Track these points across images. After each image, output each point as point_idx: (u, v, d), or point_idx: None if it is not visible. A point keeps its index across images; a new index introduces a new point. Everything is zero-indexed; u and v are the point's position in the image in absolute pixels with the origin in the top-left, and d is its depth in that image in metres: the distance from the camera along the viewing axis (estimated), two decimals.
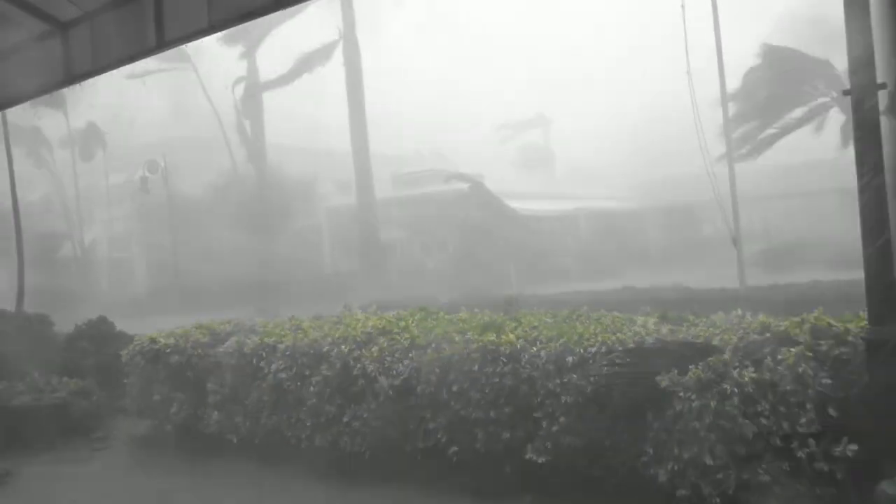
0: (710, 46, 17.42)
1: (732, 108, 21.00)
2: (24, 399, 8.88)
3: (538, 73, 44.41)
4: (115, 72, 5.46)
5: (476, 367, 6.00)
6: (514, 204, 30.88)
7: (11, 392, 9.05)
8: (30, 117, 29.07)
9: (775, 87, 22.90)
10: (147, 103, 34.20)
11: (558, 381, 5.63)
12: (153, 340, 8.53)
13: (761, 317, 5.69)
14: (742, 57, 22.49)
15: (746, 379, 4.85)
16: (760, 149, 23.46)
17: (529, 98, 44.62)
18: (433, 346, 6.39)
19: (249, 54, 32.65)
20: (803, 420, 4.75)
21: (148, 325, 11.39)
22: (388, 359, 6.58)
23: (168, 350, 8.31)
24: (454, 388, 6.08)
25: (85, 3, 5.02)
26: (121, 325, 11.83)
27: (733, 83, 21.62)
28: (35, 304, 13.46)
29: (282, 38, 30.92)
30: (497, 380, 5.89)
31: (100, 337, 11.24)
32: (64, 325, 12.29)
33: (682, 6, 14.76)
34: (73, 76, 5.10)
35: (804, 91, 23.12)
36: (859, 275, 5.02)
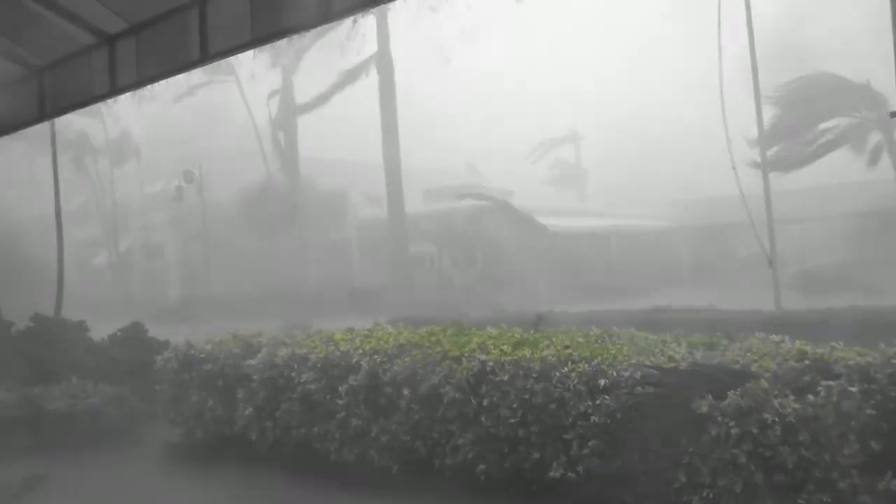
0: (745, 65, 17.24)
1: (768, 127, 20.75)
2: (59, 404, 9.02)
3: (572, 89, 44.31)
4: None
5: (507, 378, 5.95)
6: (546, 220, 30.79)
7: (48, 397, 9.20)
8: (69, 126, 29.79)
9: (812, 108, 22.61)
10: (184, 114, 34.83)
11: (590, 402, 5.56)
12: (189, 346, 8.63)
13: (798, 343, 5.57)
14: (778, 75, 22.25)
15: (789, 410, 4.73)
16: (794, 166, 23.11)
17: (563, 115, 44.55)
18: (465, 357, 6.37)
19: (285, 67, 33.11)
20: (846, 451, 4.62)
21: (180, 333, 11.52)
22: (420, 371, 6.56)
23: (201, 358, 8.39)
24: (484, 402, 6.03)
25: (131, 16, 5.12)
26: (154, 331, 11.99)
27: (768, 101, 21.40)
28: (72, 309, 13.71)
29: (317, 51, 31.30)
30: (527, 396, 5.83)
31: (134, 343, 11.41)
32: (99, 331, 12.49)
33: (718, 26, 14.66)
34: (118, 88, 5.20)
35: (843, 112, 22.78)
36: None
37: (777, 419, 4.75)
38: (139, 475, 8.09)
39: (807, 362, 5.18)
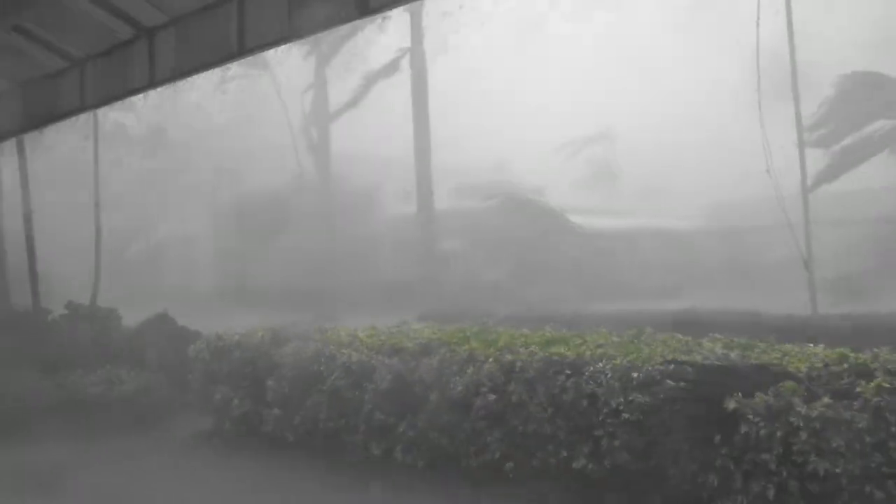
0: (784, 62, 16.90)
1: (808, 128, 20.32)
2: (94, 391, 9.20)
3: (607, 86, 43.88)
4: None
5: (537, 376, 5.91)
6: (577, 219, 30.55)
7: (83, 383, 9.38)
8: (107, 117, 30.30)
9: (855, 108, 22.11)
10: (218, 107, 35.21)
11: (622, 399, 5.49)
12: (219, 338, 8.74)
13: (838, 349, 5.45)
14: (819, 73, 21.77)
15: (816, 413, 4.63)
16: (838, 172, 22.63)
17: (597, 112, 44.12)
18: (494, 357, 6.34)
19: (319, 61, 33.31)
20: (881, 459, 4.51)
21: (212, 323, 11.66)
22: (447, 370, 6.55)
23: (231, 349, 8.49)
24: (513, 399, 6.00)
25: (171, 9, 5.18)
26: (185, 322, 12.15)
27: (808, 102, 20.96)
28: (106, 298, 13.94)
29: (351, 46, 31.44)
30: (557, 392, 5.78)
31: (165, 332, 11.58)
32: (132, 319, 12.69)
33: (757, 22, 14.34)
34: (157, 80, 5.26)
35: (886, 114, 22.24)
36: None
37: (803, 423, 4.65)
38: (169, 462, 8.21)
39: (846, 366, 5.06)
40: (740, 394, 4.92)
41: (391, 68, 30.61)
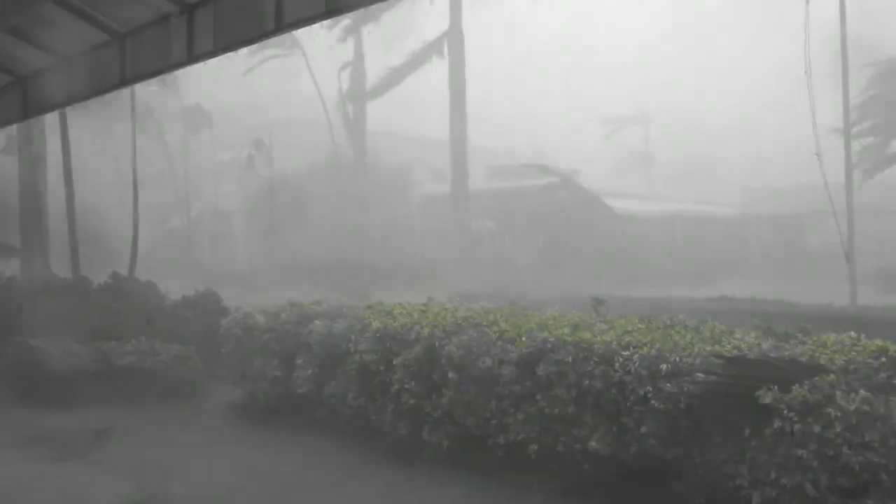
0: (834, 48, 16.40)
1: (855, 117, 19.73)
2: (130, 360, 9.43)
3: (645, 69, 43.16)
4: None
5: (570, 359, 5.88)
6: (611, 203, 30.25)
7: (120, 352, 9.62)
8: (146, 93, 30.72)
9: None
10: (257, 84, 35.48)
11: (650, 387, 5.44)
12: (250, 314, 8.86)
13: (877, 341, 5.32)
14: (869, 58, 21.11)
15: (854, 407, 4.53)
16: (882, 165, 22.01)
17: (634, 95, 43.45)
18: (524, 337, 6.32)
19: (357, 39, 33.28)
20: None
21: (246, 299, 11.87)
22: (476, 350, 6.56)
23: (264, 324, 8.61)
24: (542, 380, 5.98)
25: None
26: (221, 295, 12.35)
27: (857, 89, 20.35)
28: (145, 271, 14.24)
29: (389, 24, 31.33)
30: (587, 381, 5.75)
31: (202, 306, 11.78)
32: (169, 292, 12.95)
33: (807, 4, 13.87)
34: (195, 56, 5.30)
35: None
36: None
37: (841, 414, 4.55)
38: (201, 432, 8.39)
39: (884, 360, 4.95)
40: (776, 387, 4.82)
41: (430, 48, 30.44)
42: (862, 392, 4.60)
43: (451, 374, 6.55)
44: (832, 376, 4.76)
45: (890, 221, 27.66)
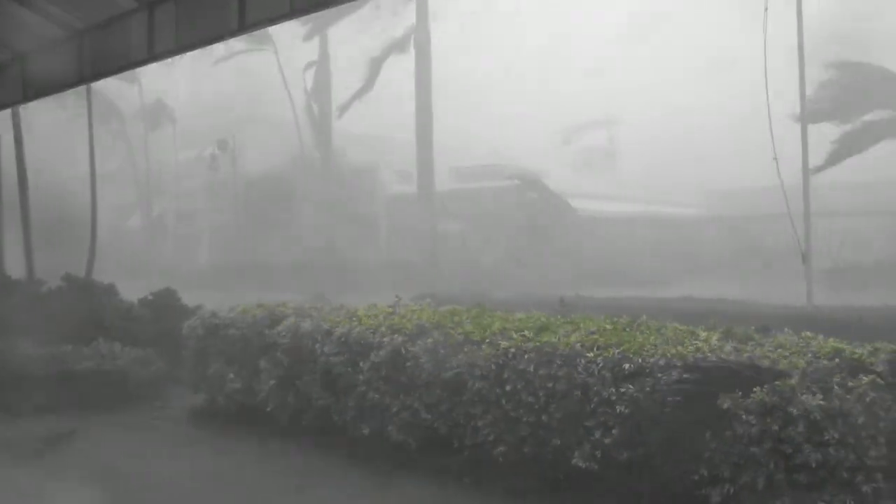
0: (790, 53, 16.77)
1: (809, 118, 20.18)
2: (87, 364, 9.21)
3: (607, 72, 43.60)
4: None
5: (532, 368, 5.91)
6: (576, 204, 30.53)
7: (77, 356, 9.39)
8: (106, 89, 30.08)
9: (856, 100, 21.99)
10: (220, 82, 35.01)
11: (613, 389, 5.50)
12: (213, 315, 8.73)
13: (831, 341, 5.46)
14: (823, 62, 21.64)
15: (814, 408, 4.64)
16: (836, 160, 22.53)
17: (597, 97, 43.87)
18: (488, 341, 6.34)
19: (322, 38, 33.05)
20: (872, 453, 4.53)
21: (208, 300, 11.68)
22: (442, 352, 6.55)
23: (227, 325, 8.49)
24: (507, 388, 6.01)
25: None
26: (182, 297, 12.15)
27: (812, 90, 20.82)
28: (102, 271, 13.94)
29: (355, 24, 31.16)
30: (551, 384, 5.79)
31: (162, 308, 11.58)
32: (127, 293, 12.69)
33: (765, 10, 14.15)
34: (156, 54, 5.20)
35: (886, 105, 22.13)
36: None
37: (802, 416, 4.66)
38: (161, 436, 8.24)
39: (838, 360, 5.08)
40: (739, 392, 4.91)
41: (395, 47, 30.37)
42: (818, 394, 4.72)
43: (425, 375, 6.54)
44: (793, 380, 4.86)
45: (844, 222, 28.41)
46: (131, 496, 6.45)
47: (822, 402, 4.65)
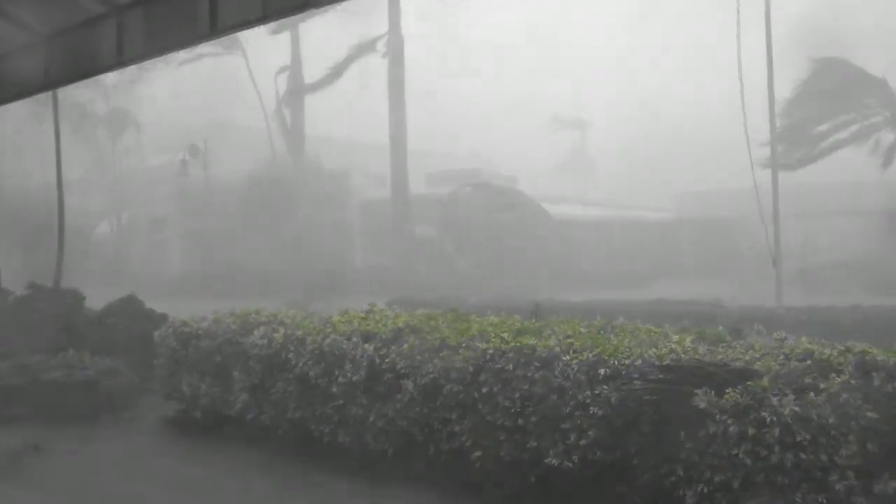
0: (760, 55, 17.06)
1: (780, 121, 20.54)
2: (55, 374, 9.02)
3: (580, 76, 43.98)
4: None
5: (510, 367, 5.91)
6: (550, 208, 30.71)
7: (45, 367, 9.19)
8: (74, 94, 29.57)
9: (826, 102, 22.40)
10: (190, 87, 34.64)
11: (589, 392, 5.53)
12: (185, 324, 8.60)
13: (804, 341, 5.54)
14: (794, 66, 22.02)
15: (787, 410, 4.69)
16: (806, 162, 22.92)
17: (570, 101, 44.25)
18: (465, 345, 6.32)
19: (294, 43, 32.88)
20: (843, 453, 4.59)
21: (179, 308, 11.52)
22: (418, 357, 6.52)
23: (199, 334, 8.37)
24: (484, 390, 6.00)
25: None
26: (153, 305, 11.98)
27: (782, 92, 21.15)
28: (70, 280, 13.68)
29: (328, 28, 31.06)
30: (527, 386, 5.79)
31: (131, 316, 11.39)
32: (97, 302, 12.48)
33: (738, 14, 14.36)
34: (125, 59, 5.12)
35: (856, 108, 22.57)
36: None
37: (776, 418, 4.71)
38: (132, 448, 8.09)
39: (810, 361, 5.14)
40: (712, 392, 4.96)
41: (369, 51, 30.32)
42: (790, 395, 4.78)
43: (401, 381, 6.51)
44: (765, 381, 4.92)
45: (814, 224, 28.94)
46: None
47: (795, 408, 4.70)
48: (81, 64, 5.64)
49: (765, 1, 16.67)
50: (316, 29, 31.51)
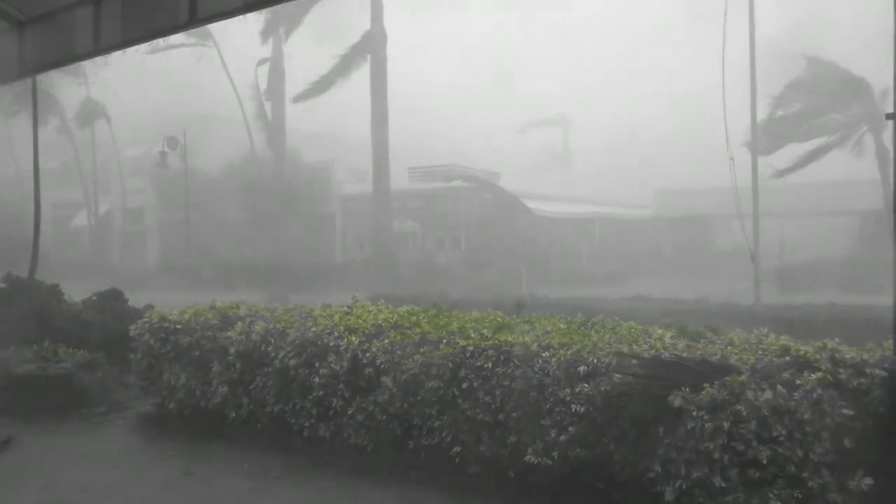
0: (744, 52, 17.18)
1: (761, 119, 20.68)
2: (29, 367, 8.88)
3: (563, 72, 44.14)
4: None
5: (489, 365, 5.92)
6: (531, 204, 30.78)
7: (19, 359, 9.05)
8: (49, 84, 29.10)
9: (807, 103, 22.62)
10: (169, 78, 34.25)
11: (569, 389, 5.54)
12: (163, 318, 8.50)
13: (782, 339, 5.60)
14: (776, 65, 22.18)
15: (762, 402, 4.73)
16: (794, 168, 23.15)
17: (552, 97, 44.37)
18: (445, 340, 6.31)
19: (275, 36, 32.60)
20: (818, 449, 4.64)
21: (157, 300, 11.41)
22: (399, 353, 6.51)
23: (178, 328, 8.27)
24: (464, 386, 6.00)
25: None
26: (130, 298, 11.84)
27: (765, 90, 21.32)
28: (47, 272, 13.47)
29: (309, 22, 30.84)
30: (508, 383, 5.80)
31: (109, 309, 11.26)
32: (73, 294, 12.31)
33: (725, 13, 14.37)
34: (102, 48, 5.04)
35: (836, 108, 22.80)
36: (877, 300, 4.92)
37: (752, 412, 4.75)
38: (106, 443, 7.99)
39: (787, 358, 5.19)
40: (687, 388, 4.99)
41: (350, 46, 30.11)
42: (769, 390, 4.82)
43: (381, 376, 6.49)
44: (743, 376, 4.95)
45: (792, 224, 29.26)
46: None
47: (770, 399, 4.74)
48: (57, 52, 5.55)
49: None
50: (301, 22, 31.22)
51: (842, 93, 22.33)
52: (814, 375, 4.86)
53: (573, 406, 5.46)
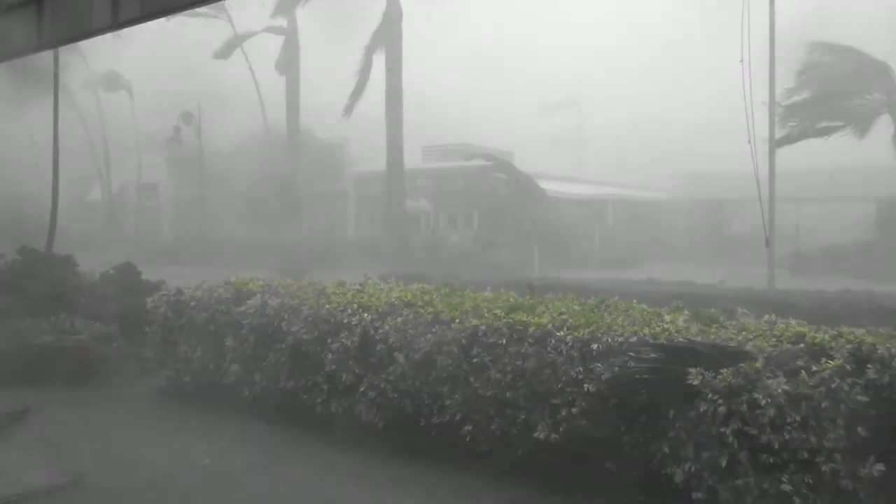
0: (763, 36, 16.89)
1: (780, 103, 20.36)
2: (47, 338, 8.99)
3: (579, 53, 43.67)
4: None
5: (503, 342, 5.93)
6: (545, 185, 30.61)
7: (36, 330, 9.17)
8: (67, 57, 29.09)
9: (827, 87, 22.22)
10: (185, 54, 34.18)
11: (581, 368, 5.54)
12: (179, 292, 8.57)
13: (794, 324, 5.56)
14: (796, 47, 21.80)
15: (779, 390, 4.71)
16: (801, 135, 22.72)
17: (568, 78, 43.99)
18: (458, 319, 6.32)
19: (291, 11, 32.41)
20: (832, 435, 4.62)
21: (171, 275, 11.48)
22: (411, 331, 6.53)
23: (192, 303, 8.34)
24: (475, 361, 6.01)
25: None
26: (145, 272, 11.92)
27: (783, 75, 20.99)
28: (63, 245, 13.59)
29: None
30: (520, 361, 5.81)
31: (125, 283, 11.35)
32: (88, 267, 12.40)
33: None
34: (121, 22, 5.03)
35: (856, 93, 22.40)
36: (893, 287, 4.85)
37: (768, 400, 4.72)
38: (124, 415, 8.10)
39: (802, 345, 5.16)
40: (703, 371, 4.97)
41: (364, 23, 29.86)
42: (784, 378, 4.80)
43: (393, 354, 6.51)
44: (758, 362, 4.93)
45: (809, 209, 29.00)
46: (98, 474, 6.31)
47: (786, 387, 4.72)
48: (76, 25, 5.54)
49: None
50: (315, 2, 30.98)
51: (863, 77, 21.97)
52: (830, 363, 4.82)
53: (585, 385, 5.46)
